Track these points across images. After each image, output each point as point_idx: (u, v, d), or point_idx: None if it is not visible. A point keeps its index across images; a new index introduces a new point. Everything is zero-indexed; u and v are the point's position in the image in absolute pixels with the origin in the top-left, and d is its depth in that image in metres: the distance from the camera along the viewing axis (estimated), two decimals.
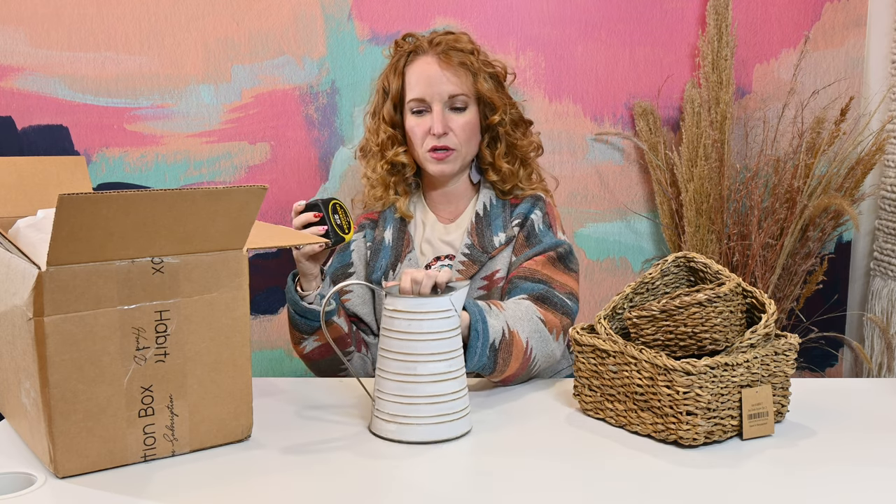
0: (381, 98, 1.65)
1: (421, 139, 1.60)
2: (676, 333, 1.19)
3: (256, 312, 2.16)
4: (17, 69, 2.06)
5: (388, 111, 1.63)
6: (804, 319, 2.22)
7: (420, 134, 1.59)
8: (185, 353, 1.09)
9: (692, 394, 1.12)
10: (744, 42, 2.14)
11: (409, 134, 1.62)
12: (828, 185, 2.09)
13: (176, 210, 1.03)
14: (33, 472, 1.06)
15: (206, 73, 2.08)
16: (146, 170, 2.11)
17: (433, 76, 1.58)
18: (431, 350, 1.16)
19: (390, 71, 1.64)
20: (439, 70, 1.58)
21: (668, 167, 2.14)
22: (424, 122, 1.59)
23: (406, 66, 1.62)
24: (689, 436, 1.13)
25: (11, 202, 1.28)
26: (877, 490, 1.03)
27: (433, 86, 1.58)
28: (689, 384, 1.11)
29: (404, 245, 1.64)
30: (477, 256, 1.58)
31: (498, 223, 1.62)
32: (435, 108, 1.58)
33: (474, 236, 1.60)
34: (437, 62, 1.59)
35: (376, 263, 1.64)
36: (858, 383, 1.52)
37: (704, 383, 1.12)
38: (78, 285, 1.01)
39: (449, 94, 1.58)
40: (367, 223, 1.70)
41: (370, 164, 1.68)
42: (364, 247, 1.68)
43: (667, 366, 1.12)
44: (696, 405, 1.12)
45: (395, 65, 1.63)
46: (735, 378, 1.15)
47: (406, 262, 1.62)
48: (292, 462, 1.11)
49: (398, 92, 1.62)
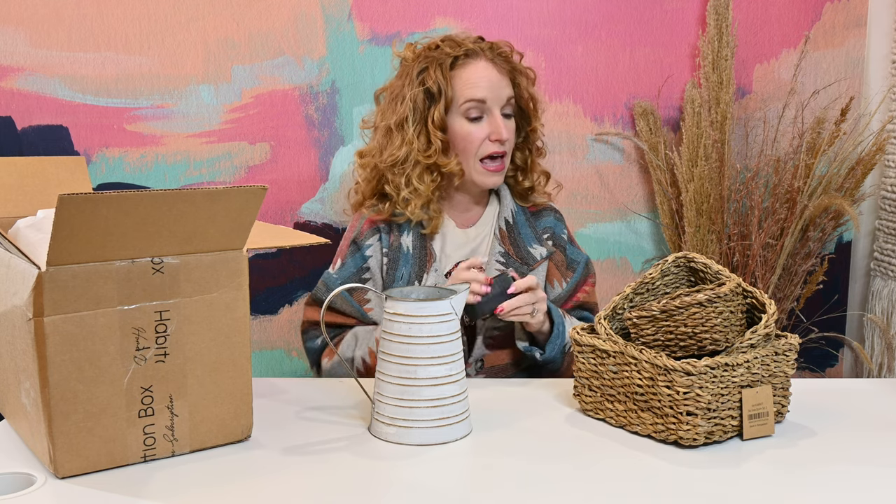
0: (423, 103, 1.54)
1: (476, 146, 1.54)
2: (676, 334, 1.19)
3: (256, 312, 2.16)
4: (17, 69, 2.06)
5: (440, 115, 1.53)
6: (804, 319, 2.22)
7: (476, 141, 1.54)
8: (185, 354, 1.09)
9: (692, 394, 1.12)
10: (744, 42, 2.14)
11: (460, 141, 1.55)
12: (828, 186, 2.09)
13: (176, 210, 1.03)
14: (33, 472, 1.06)
15: (206, 73, 2.08)
16: (146, 170, 2.11)
17: (494, 80, 1.54)
18: (431, 353, 1.16)
19: (436, 73, 1.54)
20: (497, 74, 1.55)
21: (668, 167, 2.14)
22: (481, 128, 1.54)
23: (454, 69, 1.55)
24: (690, 436, 1.13)
25: (11, 202, 1.28)
26: (878, 490, 1.03)
27: (495, 89, 1.54)
28: (689, 384, 1.11)
29: (427, 255, 1.57)
30: (517, 267, 1.57)
31: (528, 233, 1.61)
32: (495, 113, 1.54)
33: (508, 245, 1.58)
34: (494, 66, 1.55)
35: (396, 273, 1.56)
36: (858, 383, 1.51)
37: (705, 383, 1.12)
38: (78, 285, 1.00)
39: (507, 97, 1.55)
40: (381, 226, 1.61)
41: (413, 175, 1.55)
42: (380, 252, 1.59)
43: (667, 366, 1.12)
44: (696, 405, 1.12)
45: (439, 67, 1.54)
46: (735, 378, 1.15)
47: (432, 273, 1.56)
48: (292, 462, 1.11)
49: (451, 95, 1.54)
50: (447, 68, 1.54)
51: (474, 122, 1.54)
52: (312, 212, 2.15)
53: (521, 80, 1.60)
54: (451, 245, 1.61)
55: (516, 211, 1.63)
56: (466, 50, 1.56)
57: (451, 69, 1.55)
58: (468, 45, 1.56)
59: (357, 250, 1.61)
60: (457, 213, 1.64)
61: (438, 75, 1.53)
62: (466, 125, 1.54)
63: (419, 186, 1.54)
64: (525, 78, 1.61)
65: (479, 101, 1.53)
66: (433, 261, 1.57)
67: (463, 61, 1.55)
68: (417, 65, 1.56)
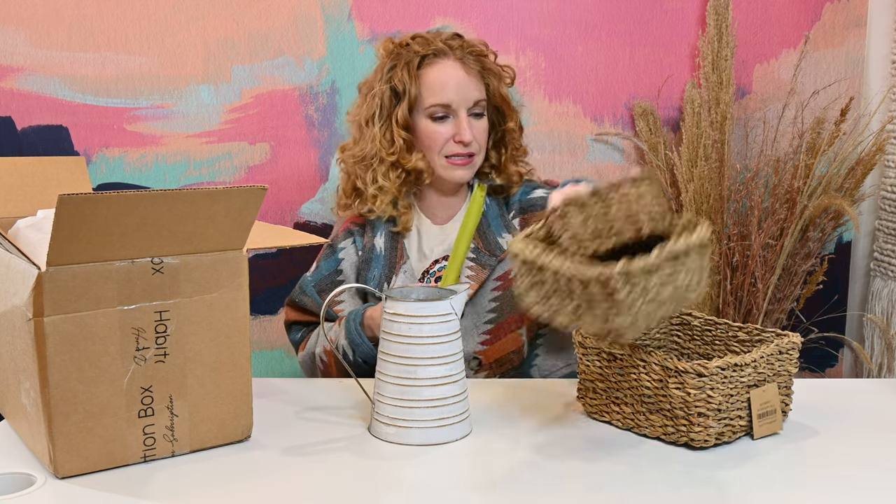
0: (389, 100, 1.56)
1: (440, 145, 1.55)
2: (608, 217, 1.09)
3: (256, 313, 2.16)
4: (17, 69, 2.06)
5: (404, 115, 1.54)
6: (804, 320, 2.22)
7: (441, 140, 1.55)
8: (185, 354, 1.09)
9: (703, 395, 1.11)
10: (744, 42, 2.14)
11: (425, 139, 1.56)
12: (828, 186, 2.09)
13: (176, 210, 1.03)
14: (33, 472, 1.06)
15: (206, 73, 2.08)
16: (146, 170, 2.11)
17: (461, 82, 1.54)
18: (431, 354, 1.16)
19: (402, 72, 1.54)
20: (465, 75, 1.54)
21: (668, 167, 2.14)
22: (446, 128, 1.54)
23: (422, 69, 1.55)
24: (701, 437, 1.12)
25: (11, 202, 1.28)
26: (881, 491, 1.03)
27: (461, 92, 1.54)
28: (700, 385, 1.11)
29: (398, 256, 1.59)
30: (485, 261, 1.56)
31: (497, 223, 1.60)
32: (461, 115, 1.54)
33: (477, 240, 1.58)
34: (462, 67, 1.55)
35: (368, 273, 1.58)
36: (859, 384, 1.52)
37: (716, 384, 1.11)
38: (78, 285, 1.00)
39: (474, 100, 1.55)
40: (355, 229, 1.63)
41: (378, 172, 1.57)
42: (355, 254, 1.61)
43: (678, 368, 1.12)
44: (707, 406, 1.12)
45: (406, 66, 1.55)
46: (743, 378, 1.14)
47: (401, 274, 1.57)
48: (292, 462, 1.11)
49: (416, 95, 1.54)
50: (414, 67, 1.54)
51: (439, 121, 1.55)
52: (312, 212, 2.15)
53: (491, 80, 1.59)
54: (429, 243, 1.62)
55: (488, 204, 1.62)
56: (435, 49, 1.55)
57: (417, 68, 1.55)
58: (437, 45, 1.56)
59: (332, 253, 1.62)
60: (433, 211, 1.64)
61: (404, 74, 1.54)
62: (431, 125, 1.55)
63: (384, 183, 1.56)
64: (496, 78, 1.60)
65: (444, 106, 1.54)
66: (403, 261, 1.58)
67: (430, 60, 1.55)
68: (389, 62, 1.57)
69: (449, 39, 1.58)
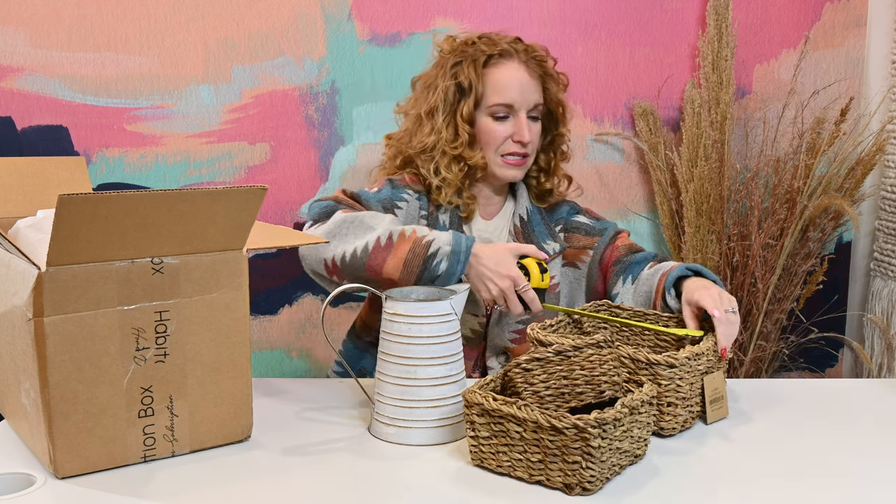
0: (454, 95, 1.57)
1: (498, 143, 1.57)
2: (571, 378, 1.11)
3: (256, 313, 2.16)
4: (17, 69, 2.06)
5: (469, 110, 1.56)
6: (804, 320, 2.23)
7: (500, 139, 1.57)
8: (185, 354, 1.09)
9: (673, 385, 1.17)
10: (744, 42, 2.15)
11: (484, 136, 1.58)
12: (828, 186, 2.09)
13: (176, 210, 1.03)
14: (33, 472, 1.06)
15: (206, 73, 2.08)
16: (146, 170, 2.11)
17: (525, 84, 1.56)
18: (431, 354, 1.16)
19: (469, 69, 1.56)
20: (528, 78, 1.57)
21: (668, 167, 2.14)
22: (505, 127, 1.56)
23: (487, 68, 1.57)
24: (670, 426, 1.18)
25: (11, 202, 1.28)
26: (878, 491, 1.03)
27: (524, 93, 1.56)
28: (671, 377, 1.16)
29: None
30: None
31: (541, 230, 1.64)
32: (521, 116, 1.56)
33: (522, 241, 1.60)
34: (525, 69, 1.57)
35: None
36: (858, 384, 1.52)
37: (684, 374, 1.17)
38: (78, 286, 1.00)
39: (534, 103, 1.57)
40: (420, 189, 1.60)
41: (441, 164, 1.58)
42: (416, 211, 1.59)
43: (649, 360, 1.16)
44: (675, 395, 1.17)
45: (473, 63, 1.57)
46: (700, 366, 1.21)
47: None
48: (292, 462, 1.11)
49: (482, 93, 1.56)
50: (480, 65, 1.57)
51: (500, 120, 1.57)
52: None
53: (551, 84, 1.62)
54: (478, 234, 1.64)
55: (531, 210, 1.66)
56: (501, 50, 1.58)
57: (483, 67, 1.57)
58: (503, 45, 1.58)
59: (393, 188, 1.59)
60: (479, 203, 1.67)
61: (471, 71, 1.56)
62: (492, 123, 1.57)
63: (447, 175, 1.58)
64: (555, 83, 1.63)
65: (506, 105, 1.56)
66: None
67: (496, 61, 1.58)
68: (453, 58, 1.59)
69: (513, 42, 1.61)
